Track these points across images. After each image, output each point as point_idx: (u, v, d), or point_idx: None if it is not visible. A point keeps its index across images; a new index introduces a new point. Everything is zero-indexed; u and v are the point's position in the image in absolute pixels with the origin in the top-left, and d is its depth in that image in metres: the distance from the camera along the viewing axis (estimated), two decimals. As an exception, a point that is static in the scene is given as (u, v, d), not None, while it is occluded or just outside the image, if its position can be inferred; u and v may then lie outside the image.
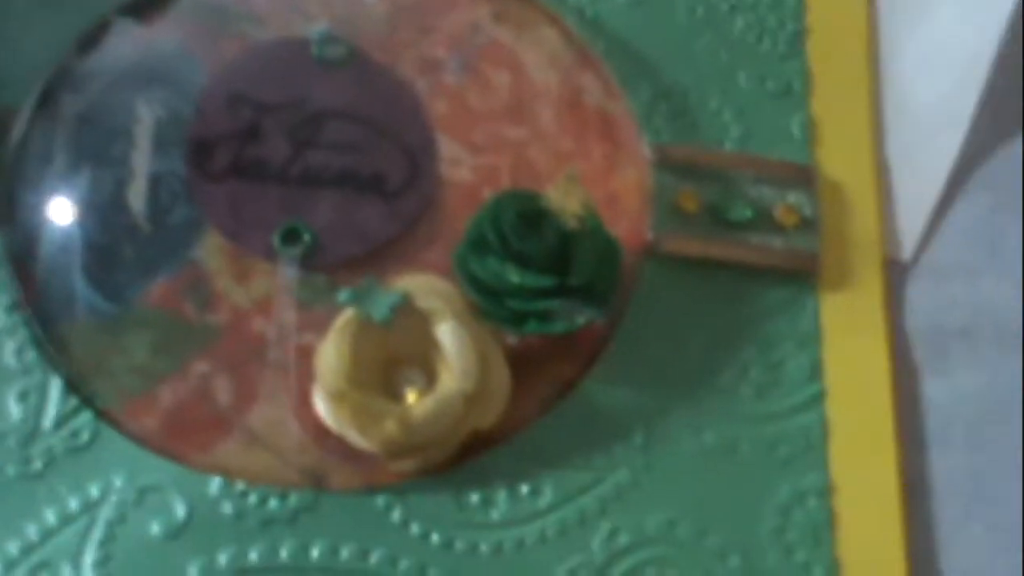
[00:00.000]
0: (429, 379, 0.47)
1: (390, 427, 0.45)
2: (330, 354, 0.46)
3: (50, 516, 0.46)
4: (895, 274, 0.51)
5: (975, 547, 0.46)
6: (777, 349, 0.50)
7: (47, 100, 0.51)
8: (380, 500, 0.46)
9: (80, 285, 0.49)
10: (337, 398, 0.46)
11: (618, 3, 0.55)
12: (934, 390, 0.49)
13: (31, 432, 0.47)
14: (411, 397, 0.47)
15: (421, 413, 0.46)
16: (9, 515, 0.45)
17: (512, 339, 0.49)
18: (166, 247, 0.50)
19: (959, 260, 0.51)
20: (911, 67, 0.53)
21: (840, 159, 0.53)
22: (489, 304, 0.48)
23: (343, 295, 0.46)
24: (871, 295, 0.50)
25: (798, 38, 0.54)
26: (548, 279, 0.47)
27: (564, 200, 0.47)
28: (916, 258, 0.51)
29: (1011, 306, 0.50)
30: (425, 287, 0.48)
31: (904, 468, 0.48)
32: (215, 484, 0.46)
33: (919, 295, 0.50)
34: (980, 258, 0.51)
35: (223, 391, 0.47)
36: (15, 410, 0.47)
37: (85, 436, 0.47)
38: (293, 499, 0.46)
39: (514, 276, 0.47)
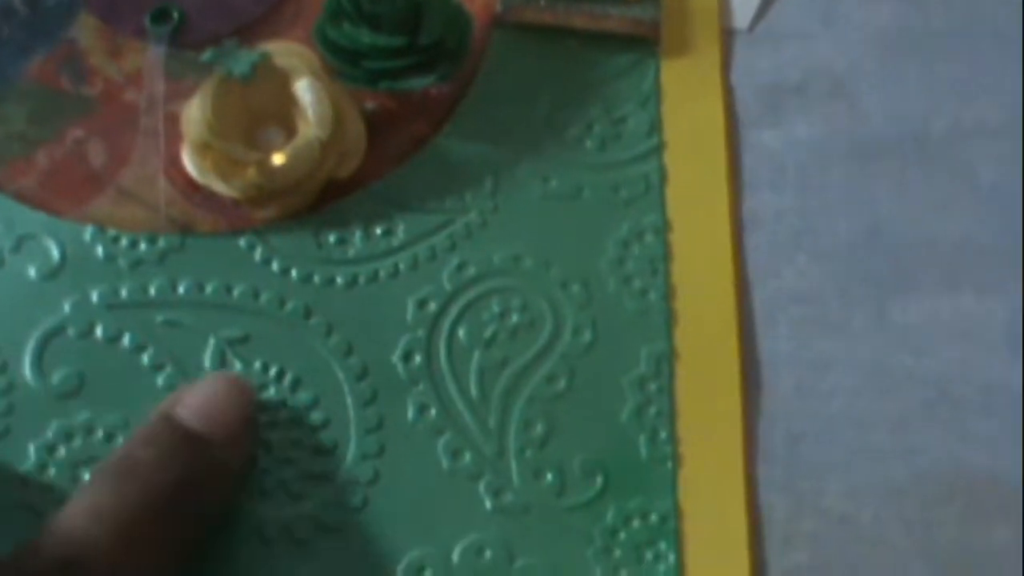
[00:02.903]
0: (289, 136, 0.50)
1: (251, 173, 0.49)
2: (195, 110, 0.49)
3: (-71, 263, 0.48)
4: (733, 42, 0.54)
5: (801, 273, 0.50)
6: (619, 108, 0.53)
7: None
8: (243, 241, 0.49)
9: (-40, 61, 0.51)
10: (201, 149, 0.49)
11: None
12: (770, 140, 0.52)
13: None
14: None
15: (280, 159, 0.48)
16: None
17: (370, 104, 0.52)
18: (42, 28, 0.53)
19: (795, 27, 0.54)
20: None
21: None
22: (346, 66, 0.51)
23: (207, 55, 0.49)
24: (709, 60, 0.54)
25: None
26: (399, 39, 0.50)
27: (414, -33, 0.50)
28: (753, 27, 0.54)
29: (840, 66, 0.53)
30: (285, 50, 0.51)
31: (738, 208, 0.51)
32: (88, 232, 0.49)
33: (758, 58, 0.54)
34: (814, 25, 0.54)
35: (97, 155, 0.50)
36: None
37: (-35, 196, 0.49)
38: (161, 242, 0.49)
39: (367, 37, 0.50)
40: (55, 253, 0.48)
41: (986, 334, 0.48)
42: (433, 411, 0.47)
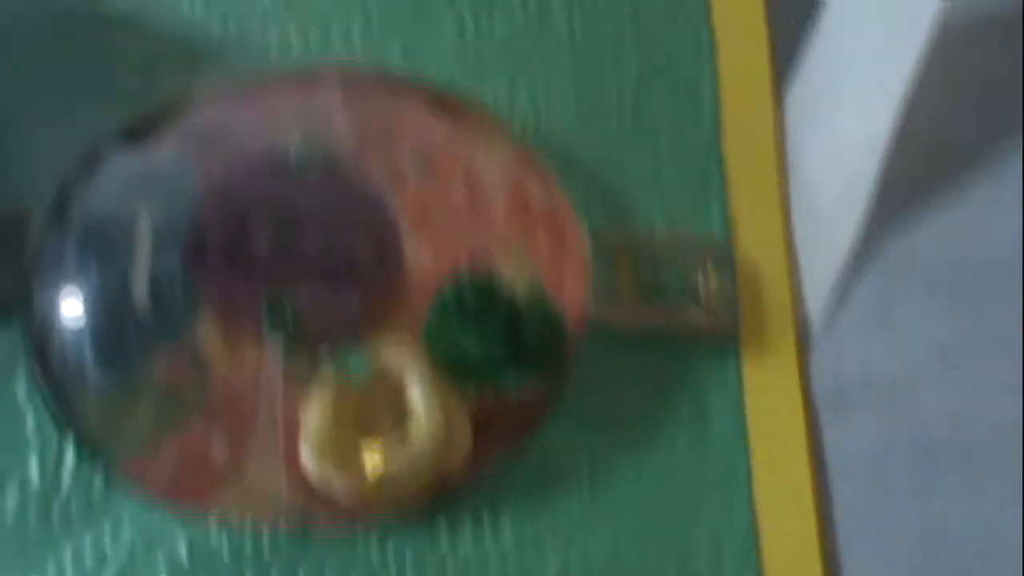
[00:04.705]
0: (401, 435, 0.53)
1: (367, 474, 0.52)
2: (313, 414, 0.53)
3: (66, 559, 0.51)
4: (806, 338, 0.58)
5: (868, 566, 0.53)
6: (705, 400, 0.57)
7: (59, 206, 0.57)
8: (360, 535, 0.53)
9: (91, 360, 0.55)
10: (320, 451, 0.52)
11: (556, 115, 0.62)
12: (834, 436, 0.56)
13: (50, 486, 0.53)
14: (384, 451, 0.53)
15: (394, 463, 0.52)
16: (31, 557, 0.52)
17: (473, 403, 0.55)
18: (167, 327, 0.56)
19: (857, 329, 0.58)
20: (815, 160, 0.61)
21: (754, 240, 0.60)
22: (453, 369, 0.54)
23: (325, 361, 0.53)
24: (786, 354, 0.57)
25: (715, 136, 0.62)
26: (502, 344, 0.54)
27: (515, 275, 0.54)
28: (825, 324, 0.58)
29: (898, 367, 0.57)
30: (397, 354, 0.54)
31: (824, 494, 0.54)
32: (213, 528, 0.52)
33: (823, 358, 0.58)
34: (874, 330, 0.58)
35: (220, 450, 0.54)
36: (35, 468, 0.53)
37: (98, 489, 0.53)
38: (283, 535, 0.52)
39: (472, 343, 0.54)
40: (183, 550, 0.51)
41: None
42: None
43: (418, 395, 0.53)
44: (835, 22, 0.63)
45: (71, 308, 0.56)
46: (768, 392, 0.56)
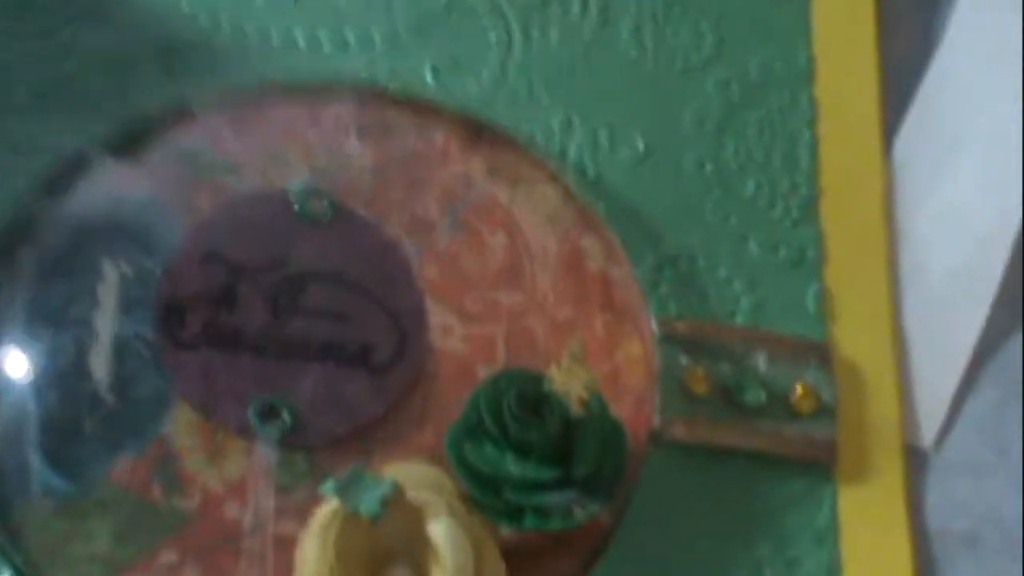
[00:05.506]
0: (416, 568, 0.44)
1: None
2: (313, 550, 0.44)
3: None
4: (915, 461, 0.48)
5: None
6: (792, 545, 0.48)
7: (5, 244, 0.48)
8: None
9: (36, 461, 0.45)
10: (320, 598, 0.43)
11: (621, 161, 0.53)
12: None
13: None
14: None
15: (412, 616, 0.42)
16: None
17: (507, 532, 0.46)
18: (132, 420, 0.46)
19: (968, 457, 0.49)
20: (928, 233, 0.52)
21: (856, 334, 0.51)
22: (484, 495, 0.45)
23: (328, 486, 0.43)
24: (891, 487, 0.49)
25: (812, 203, 0.52)
26: (550, 471, 0.45)
27: (568, 382, 0.45)
28: (937, 446, 0.48)
29: (1016, 513, 0.48)
30: (416, 476, 0.45)
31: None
32: None
33: (928, 493, 0.49)
34: (988, 457, 0.49)
35: (191, 583, 0.44)
36: (-39, 599, 0.44)
37: (38, 628, 0.43)
38: None
39: (513, 467, 0.45)
40: None
41: None
42: None
43: (443, 538, 0.43)
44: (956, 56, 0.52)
45: (14, 384, 0.46)
46: (870, 538, 0.48)
